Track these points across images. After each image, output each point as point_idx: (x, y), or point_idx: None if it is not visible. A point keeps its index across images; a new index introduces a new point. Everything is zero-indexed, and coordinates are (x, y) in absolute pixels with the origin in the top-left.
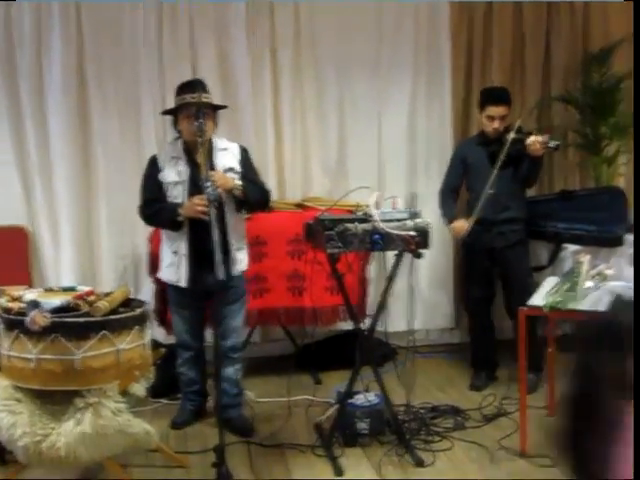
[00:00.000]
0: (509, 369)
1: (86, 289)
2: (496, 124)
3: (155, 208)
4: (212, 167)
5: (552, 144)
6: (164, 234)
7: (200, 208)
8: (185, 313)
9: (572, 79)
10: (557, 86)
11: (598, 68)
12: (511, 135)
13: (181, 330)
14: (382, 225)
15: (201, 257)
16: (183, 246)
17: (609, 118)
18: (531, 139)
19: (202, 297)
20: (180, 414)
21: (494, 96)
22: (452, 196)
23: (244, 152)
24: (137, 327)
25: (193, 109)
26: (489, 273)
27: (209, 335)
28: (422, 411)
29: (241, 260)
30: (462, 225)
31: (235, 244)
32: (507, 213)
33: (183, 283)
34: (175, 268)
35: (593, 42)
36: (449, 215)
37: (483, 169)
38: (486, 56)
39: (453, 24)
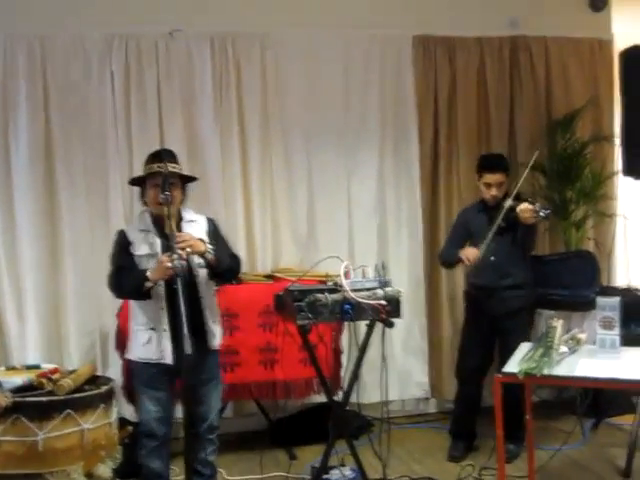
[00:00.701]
0: (493, 438)
1: (51, 367)
2: (493, 191)
3: (122, 275)
4: None
5: (543, 213)
6: (135, 310)
7: (170, 264)
8: (157, 394)
9: (538, 145)
10: (523, 152)
11: (562, 134)
12: (508, 202)
13: (150, 416)
14: (352, 295)
15: (181, 331)
16: (164, 321)
17: (575, 183)
18: (521, 207)
19: (175, 375)
20: None
21: (490, 163)
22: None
23: (211, 224)
24: (103, 405)
25: (160, 179)
26: (488, 342)
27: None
28: None
29: (219, 333)
30: (474, 251)
31: (211, 317)
32: (509, 280)
33: (168, 360)
34: (155, 345)
35: (556, 110)
36: (455, 252)
37: (485, 235)
38: (452, 125)
39: (419, 92)
